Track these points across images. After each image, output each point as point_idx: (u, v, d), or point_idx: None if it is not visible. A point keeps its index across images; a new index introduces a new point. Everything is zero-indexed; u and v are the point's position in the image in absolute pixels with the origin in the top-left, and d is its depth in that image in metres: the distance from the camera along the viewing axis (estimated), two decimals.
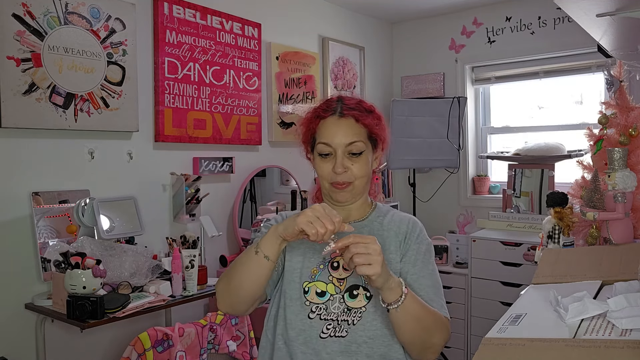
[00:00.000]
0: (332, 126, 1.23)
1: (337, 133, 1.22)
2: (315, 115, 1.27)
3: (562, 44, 3.45)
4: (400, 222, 1.30)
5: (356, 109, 1.25)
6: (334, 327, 1.18)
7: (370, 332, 1.18)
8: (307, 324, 1.19)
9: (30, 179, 2.11)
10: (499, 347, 0.92)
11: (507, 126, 3.92)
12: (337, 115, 1.24)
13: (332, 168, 1.22)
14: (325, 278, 1.21)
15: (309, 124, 1.28)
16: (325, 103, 1.28)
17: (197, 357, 2.10)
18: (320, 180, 1.27)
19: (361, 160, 1.23)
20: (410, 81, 4.13)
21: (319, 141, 1.24)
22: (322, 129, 1.24)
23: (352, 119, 1.23)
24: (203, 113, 2.73)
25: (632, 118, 1.77)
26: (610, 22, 1.48)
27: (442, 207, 3.99)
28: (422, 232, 1.31)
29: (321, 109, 1.27)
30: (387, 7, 3.82)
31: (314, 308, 1.19)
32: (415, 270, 1.24)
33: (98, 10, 2.27)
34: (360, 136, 1.23)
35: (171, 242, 2.32)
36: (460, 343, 3.50)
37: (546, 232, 1.76)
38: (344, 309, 1.18)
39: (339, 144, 1.22)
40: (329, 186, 1.25)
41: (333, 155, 1.23)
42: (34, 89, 2.07)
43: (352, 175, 1.22)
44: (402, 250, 1.26)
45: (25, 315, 2.08)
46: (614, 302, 0.96)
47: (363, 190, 1.28)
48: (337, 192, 1.24)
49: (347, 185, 1.23)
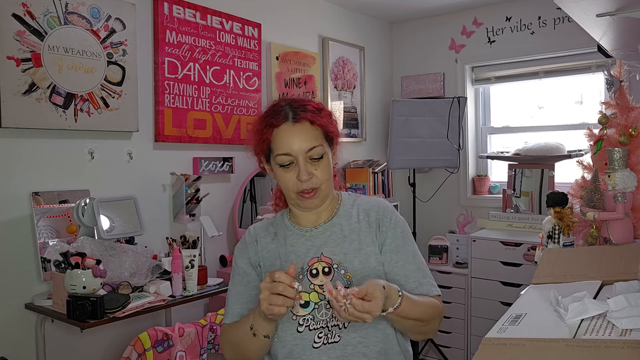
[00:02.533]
0: (288, 134, 1.17)
1: (295, 140, 1.16)
2: (266, 125, 1.20)
3: (562, 44, 3.45)
4: (370, 210, 1.27)
5: (307, 110, 1.20)
6: (326, 335, 1.17)
7: (362, 332, 1.17)
8: (298, 338, 1.17)
9: (30, 179, 2.11)
10: (499, 347, 0.92)
11: (507, 126, 3.92)
12: (291, 122, 1.18)
13: (296, 177, 1.18)
14: (307, 287, 1.19)
15: (262, 135, 1.21)
16: (273, 109, 1.22)
17: (197, 357, 2.10)
18: (285, 191, 1.22)
19: (323, 163, 1.20)
20: (410, 81, 4.13)
21: (278, 153, 1.18)
22: (278, 139, 1.18)
23: (307, 123, 1.18)
24: (203, 113, 2.73)
25: (632, 118, 1.77)
26: (610, 22, 1.48)
27: (442, 207, 3.99)
28: (393, 214, 1.28)
29: (271, 116, 1.20)
30: (387, 7, 3.82)
31: (301, 320, 1.18)
32: (398, 258, 1.23)
33: (98, 10, 2.27)
34: (318, 139, 1.19)
35: (171, 242, 2.32)
36: (460, 343, 3.50)
37: (546, 232, 1.76)
38: (331, 314, 1.17)
39: (299, 151, 1.16)
40: (295, 196, 1.20)
41: (295, 163, 1.18)
42: (34, 89, 2.07)
43: (317, 181, 1.19)
44: (379, 240, 1.24)
45: (25, 315, 2.08)
46: (614, 302, 0.96)
47: (329, 192, 1.25)
48: (304, 201, 1.20)
49: (314, 192, 1.19)
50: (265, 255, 1.26)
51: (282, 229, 1.29)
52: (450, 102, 3.46)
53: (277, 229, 1.29)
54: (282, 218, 1.32)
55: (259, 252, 1.27)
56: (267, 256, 1.26)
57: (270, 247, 1.27)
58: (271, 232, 1.29)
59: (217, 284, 2.39)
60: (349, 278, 1.19)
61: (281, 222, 1.30)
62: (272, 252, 1.26)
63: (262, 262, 1.26)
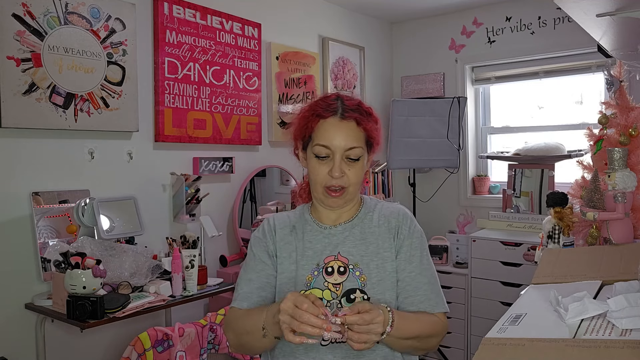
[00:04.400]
0: (333, 128, 1.19)
1: (338, 136, 1.18)
2: (314, 114, 1.21)
3: (562, 44, 3.45)
4: (390, 216, 1.28)
5: (357, 111, 1.21)
6: None
7: None
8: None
9: (30, 179, 2.11)
10: (499, 347, 0.92)
11: (507, 126, 3.92)
12: (339, 117, 1.19)
13: (328, 171, 1.19)
14: (321, 285, 1.19)
15: (307, 122, 1.22)
16: (324, 101, 1.23)
17: (197, 357, 2.10)
18: (313, 183, 1.23)
19: (358, 166, 1.21)
20: (410, 81, 4.13)
21: (318, 143, 1.19)
22: (322, 130, 1.20)
23: (354, 122, 1.19)
24: (203, 113, 2.73)
25: (632, 118, 1.77)
26: (610, 22, 1.48)
27: (442, 207, 3.99)
28: (412, 223, 1.29)
29: (321, 107, 1.21)
30: (387, 7, 3.82)
31: None
32: (411, 268, 1.23)
33: (98, 10, 2.27)
34: (359, 141, 1.20)
35: (171, 242, 2.32)
36: (460, 343, 3.50)
37: (546, 232, 1.76)
38: None
39: (338, 147, 1.18)
40: (322, 190, 1.21)
41: (330, 158, 1.19)
42: (34, 89, 2.07)
43: (347, 181, 1.19)
44: (396, 246, 1.25)
45: (25, 315, 2.08)
46: (614, 302, 0.96)
47: (355, 196, 1.26)
48: (330, 198, 1.21)
49: (341, 192, 1.20)
50: (282, 247, 1.26)
51: (302, 222, 1.29)
52: (450, 102, 3.46)
53: (295, 222, 1.29)
54: (302, 212, 1.32)
55: (276, 242, 1.27)
56: (284, 247, 1.26)
57: (288, 239, 1.27)
58: (290, 224, 1.29)
59: (217, 284, 2.39)
60: (364, 280, 1.19)
61: (301, 216, 1.31)
62: (290, 244, 1.26)
63: (279, 253, 1.26)
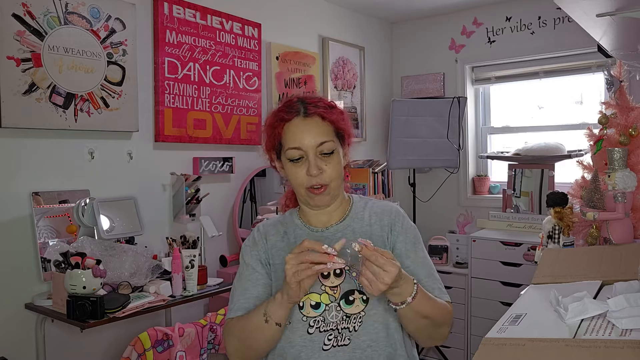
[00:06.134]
0: (299, 128, 1.18)
1: (306, 134, 1.17)
2: (278, 119, 1.20)
3: (562, 44, 3.45)
4: (382, 214, 1.27)
5: (319, 106, 1.20)
6: (335, 337, 1.15)
7: (373, 335, 1.16)
8: (308, 339, 1.16)
9: (30, 179, 2.11)
10: (499, 347, 0.92)
11: (507, 126, 3.92)
12: (302, 116, 1.18)
13: (306, 172, 1.17)
14: (318, 288, 1.18)
15: (273, 130, 1.21)
16: (285, 105, 1.22)
17: (197, 357, 2.10)
18: (295, 187, 1.22)
19: (334, 159, 1.19)
20: (410, 81, 4.13)
21: (288, 147, 1.18)
22: (289, 133, 1.18)
23: (318, 117, 1.19)
24: (203, 113, 2.73)
25: (632, 118, 1.77)
26: (610, 22, 1.48)
27: (442, 207, 3.98)
28: (404, 219, 1.28)
29: (283, 111, 1.20)
30: (387, 7, 3.82)
31: (312, 322, 1.16)
32: (409, 262, 1.22)
33: (98, 10, 2.27)
34: (329, 135, 1.19)
35: (171, 242, 2.32)
36: (460, 343, 3.50)
37: (546, 232, 1.76)
38: (342, 316, 1.16)
39: (309, 145, 1.17)
40: (305, 192, 1.20)
41: (305, 158, 1.18)
42: (34, 89, 2.07)
43: (327, 177, 1.18)
44: (390, 244, 1.24)
45: (25, 315, 2.08)
46: (614, 302, 0.96)
47: (339, 191, 1.24)
48: (314, 197, 1.20)
49: (324, 189, 1.19)
50: (274, 253, 1.25)
51: (292, 227, 1.28)
52: (450, 102, 3.46)
53: (286, 228, 1.28)
54: (291, 217, 1.31)
55: (268, 250, 1.26)
56: (276, 254, 1.24)
57: (280, 245, 1.26)
58: (281, 230, 1.28)
59: (217, 284, 2.39)
60: None
61: (291, 221, 1.29)
62: (282, 250, 1.24)
63: (272, 261, 1.24)
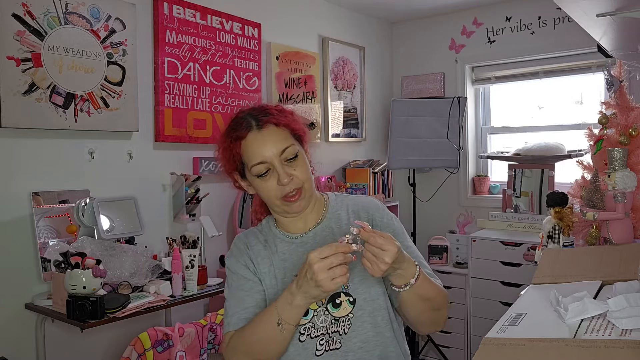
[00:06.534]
0: (257, 142, 1.15)
1: (266, 146, 1.14)
2: (232, 139, 1.17)
3: (562, 44, 3.45)
4: (360, 210, 1.25)
5: (270, 113, 1.18)
6: (327, 341, 1.15)
7: (363, 336, 1.15)
8: (300, 347, 1.15)
9: (30, 179, 2.11)
10: (499, 347, 0.92)
11: (507, 126, 3.92)
12: (256, 129, 1.15)
13: (276, 182, 1.14)
14: None
15: (230, 152, 1.18)
16: (234, 122, 1.19)
17: (197, 357, 2.10)
18: (268, 200, 1.19)
19: (300, 162, 1.17)
20: (410, 81, 4.13)
21: (252, 164, 1.15)
22: (249, 150, 1.15)
23: (272, 126, 1.16)
24: (203, 113, 2.73)
25: (632, 118, 1.77)
26: (610, 22, 1.48)
27: (442, 207, 3.99)
28: (384, 211, 1.26)
29: (234, 130, 1.17)
30: (387, 7, 3.82)
31: (302, 329, 1.15)
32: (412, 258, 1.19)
33: (98, 10, 2.27)
34: (288, 140, 1.17)
35: (171, 242, 2.32)
36: (460, 343, 3.50)
37: (546, 232, 1.76)
38: (331, 320, 1.15)
39: (272, 155, 1.14)
40: (280, 202, 1.16)
41: (272, 170, 1.15)
42: (34, 89, 2.07)
43: (298, 181, 1.16)
44: None
45: (25, 315, 2.08)
46: (614, 302, 0.96)
47: (312, 192, 1.21)
48: (291, 205, 1.16)
49: (299, 194, 1.16)
50: (259, 262, 1.22)
51: (272, 236, 1.25)
52: (450, 102, 3.46)
53: (266, 237, 1.26)
54: (268, 226, 1.28)
55: (253, 258, 1.23)
56: (261, 263, 1.22)
57: (263, 253, 1.23)
58: (261, 239, 1.26)
59: (217, 284, 2.39)
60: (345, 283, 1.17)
61: (269, 230, 1.27)
62: (266, 258, 1.22)
63: (258, 269, 1.22)
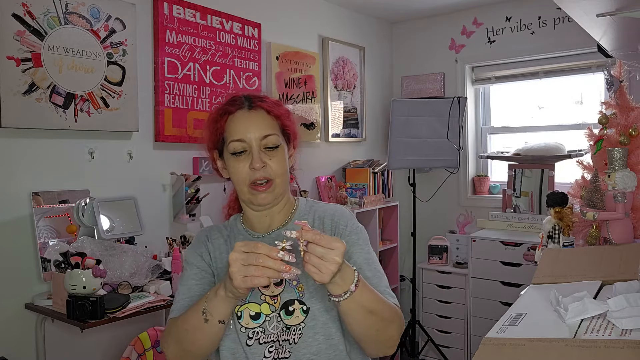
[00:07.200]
0: (243, 120, 1.13)
1: (250, 126, 1.12)
2: (221, 112, 1.16)
3: (562, 44, 3.45)
4: (325, 218, 1.20)
5: (265, 101, 1.17)
6: (276, 349, 1.11)
7: (314, 348, 1.11)
8: (248, 351, 1.11)
9: (30, 179, 2.11)
10: (499, 347, 0.92)
11: (507, 126, 3.92)
12: (247, 108, 1.14)
13: (249, 165, 1.11)
14: (257, 298, 1.13)
15: (216, 124, 1.16)
16: (229, 99, 1.18)
17: None
18: (237, 184, 1.15)
19: (278, 154, 1.14)
20: (410, 81, 4.13)
21: (231, 139, 1.12)
22: (232, 126, 1.13)
23: (263, 111, 1.15)
24: (203, 113, 2.72)
25: (632, 118, 1.77)
26: (610, 22, 1.48)
27: (442, 207, 3.99)
28: (349, 221, 1.20)
29: (227, 105, 1.16)
30: (387, 7, 3.82)
31: (251, 333, 1.12)
32: (351, 264, 1.06)
33: (98, 10, 2.27)
34: (274, 129, 1.14)
35: (171, 242, 2.32)
36: (460, 343, 3.50)
37: (546, 232, 1.76)
38: (282, 328, 1.11)
39: (253, 137, 1.11)
40: (247, 189, 1.13)
41: (248, 152, 1.12)
42: (34, 89, 2.07)
43: (271, 172, 1.12)
44: None
45: (25, 315, 2.08)
46: (614, 302, 0.96)
47: (284, 191, 1.18)
48: (257, 195, 1.12)
49: (268, 185, 1.12)
50: (217, 256, 1.21)
51: (235, 233, 1.23)
52: (450, 102, 3.46)
53: (230, 232, 1.24)
54: (235, 222, 1.27)
55: (211, 251, 1.21)
56: (219, 257, 1.20)
57: (222, 248, 1.21)
58: (224, 234, 1.24)
59: None
60: (301, 290, 1.13)
61: (234, 225, 1.25)
62: (224, 253, 1.20)
63: (215, 264, 1.20)
